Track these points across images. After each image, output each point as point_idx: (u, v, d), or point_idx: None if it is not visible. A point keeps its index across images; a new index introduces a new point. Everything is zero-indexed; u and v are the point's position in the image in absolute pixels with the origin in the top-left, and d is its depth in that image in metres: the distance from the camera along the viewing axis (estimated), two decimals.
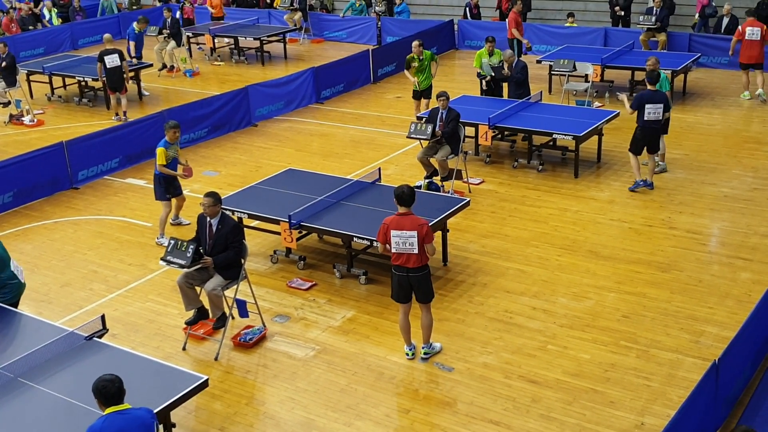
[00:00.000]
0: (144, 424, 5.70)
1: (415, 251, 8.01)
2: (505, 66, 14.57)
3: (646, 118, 12.01)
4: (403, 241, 8.00)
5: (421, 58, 14.97)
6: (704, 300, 9.40)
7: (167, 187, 11.25)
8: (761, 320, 8.04)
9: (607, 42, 19.98)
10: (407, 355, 8.60)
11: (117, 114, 16.82)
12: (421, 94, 15.28)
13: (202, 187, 12.61)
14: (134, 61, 18.57)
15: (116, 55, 16.59)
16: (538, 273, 10.18)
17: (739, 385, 7.66)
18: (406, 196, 8.05)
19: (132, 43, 18.76)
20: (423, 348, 8.59)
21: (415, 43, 15.04)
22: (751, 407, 7.43)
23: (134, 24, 19.07)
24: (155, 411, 6.46)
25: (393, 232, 8.02)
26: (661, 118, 12.03)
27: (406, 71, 15.28)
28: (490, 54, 14.94)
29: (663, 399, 7.74)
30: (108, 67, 16.52)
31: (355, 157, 14.42)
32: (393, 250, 8.10)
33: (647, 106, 11.94)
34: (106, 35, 17.41)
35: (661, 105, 11.98)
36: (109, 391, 5.67)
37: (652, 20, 18.93)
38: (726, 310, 9.16)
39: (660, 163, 12.93)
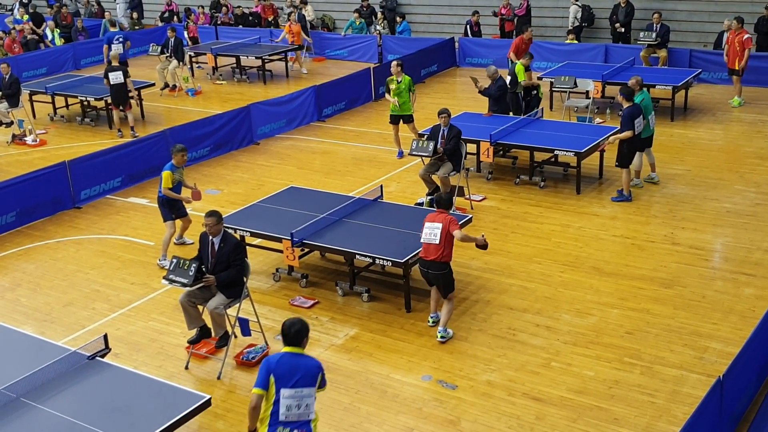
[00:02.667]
0: (310, 370, 6.15)
1: (436, 242, 8.83)
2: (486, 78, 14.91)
3: (635, 132, 12.25)
4: (430, 231, 8.90)
5: (399, 80, 14.53)
6: (708, 316, 9.37)
7: (171, 209, 11.22)
8: (765, 336, 8.01)
9: (608, 58, 20.04)
10: (428, 321, 9.45)
11: (120, 130, 17.11)
12: (400, 118, 14.77)
13: (204, 206, 12.58)
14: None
15: (120, 72, 16.81)
16: (541, 290, 10.16)
17: (743, 401, 7.63)
18: (443, 201, 9.17)
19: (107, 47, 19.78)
20: (439, 331, 9.11)
21: (393, 63, 14.60)
22: (756, 424, 7.40)
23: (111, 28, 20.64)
24: (158, 430, 6.46)
25: (426, 224, 8.99)
26: (642, 129, 12.38)
27: (386, 94, 14.86)
28: (526, 69, 15.56)
29: (667, 416, 7.70)
30: (111, 83, 16.75)
31: (356, 174, 14.43)
32: (421, 241, 9.01)
33: (635, 120, 12.22)
34: (113, 52, 17.80)
35: (641, 117, 12.32)
36: (286, 331, 6.19)
37: (652, 36, 18.99)
38: (730, 326, 9.13)
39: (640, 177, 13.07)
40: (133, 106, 17.59)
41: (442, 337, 9.07)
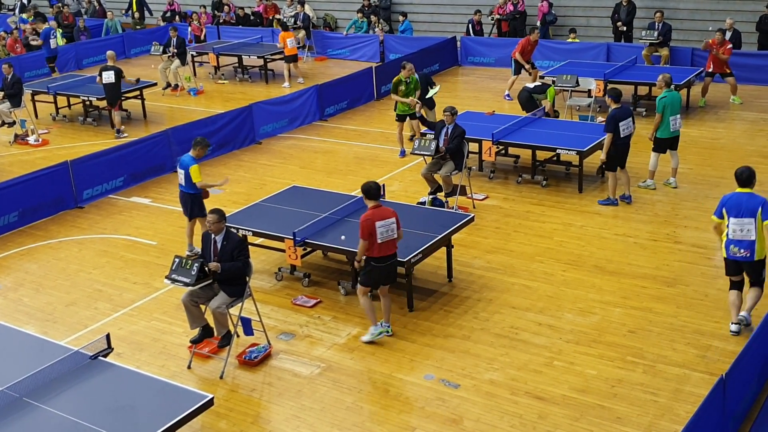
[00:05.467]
0: (751, 205, 8.39)
1: (395, 235, 8.87)
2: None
3: (621, 135, 12.03)
4: (386, 228, 8.74)
5: (407, 81, 14.58)
6: (710, 314, 9.37)
7: (200, 206, 11.03)
8: None
9: (610, 57, 20.02)
10: (387, 331, 9.32)
11: (118, 130, 17.20)
12: (407, 115, 14.83)
13: (207, 205, 12.60)
14: None
15: (112, 72, 16.86)
16: (544, 288, 10.16)
17: (746, 400, 7.63)
18: (373, 191, 8.86)
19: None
20: (385, 325, 9.28)
21: (409, 66, 14.65)
22: (758, 422, 7.39)
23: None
24: (160, 430, 6.46)
25: (378, 223, 8.69)
26: (632, 132, 12.20)
27: (392, 95, 14.81)
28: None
29: (670, 414, 7.70)
30: (103, 83, 16.81)
31: (358, 173, 14.43)
32: (379, 241, 8.72)
33: (620, 123, 11.98)
34: (109, 52, 17.76)
35: (630, 119, 12.15)
36: (739, 176, 8.59)
37: (654, 35, 18.97)
38: None
39: (649, 180, 12.98)
40: (121, 106, 17.46)
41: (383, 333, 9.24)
